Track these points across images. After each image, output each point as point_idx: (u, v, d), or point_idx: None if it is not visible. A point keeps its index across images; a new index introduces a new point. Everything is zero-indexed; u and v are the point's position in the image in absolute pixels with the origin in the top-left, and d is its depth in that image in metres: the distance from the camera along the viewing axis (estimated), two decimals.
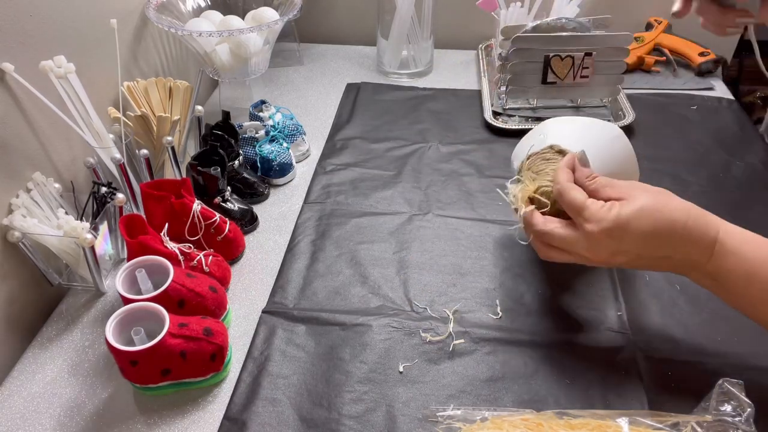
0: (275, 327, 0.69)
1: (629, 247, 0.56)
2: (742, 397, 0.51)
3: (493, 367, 0.64)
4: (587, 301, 0.70)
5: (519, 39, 0.94)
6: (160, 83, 0.88)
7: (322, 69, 1.22)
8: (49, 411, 0.62)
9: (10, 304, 0.70)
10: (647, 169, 0.88)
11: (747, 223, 0.79)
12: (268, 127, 0.92)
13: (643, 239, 0.55)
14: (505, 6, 1.06)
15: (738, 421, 0.50)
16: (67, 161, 0.78)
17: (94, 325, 0.71)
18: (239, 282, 0.76)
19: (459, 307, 0.70)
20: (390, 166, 0.93)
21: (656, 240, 0.55)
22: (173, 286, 0.64)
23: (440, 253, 0.77)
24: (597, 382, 0.62)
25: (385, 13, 1.11)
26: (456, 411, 0.54)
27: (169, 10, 0.95)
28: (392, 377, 0.63)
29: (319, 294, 0.73)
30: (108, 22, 0.80)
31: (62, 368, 0.66)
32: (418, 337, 0.67)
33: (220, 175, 0.79)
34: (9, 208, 0.68)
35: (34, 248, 0.70)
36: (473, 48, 1.25)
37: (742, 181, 0.87)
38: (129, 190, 0.79)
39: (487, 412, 0.54)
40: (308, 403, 0.61)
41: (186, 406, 0.62)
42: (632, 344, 0.65)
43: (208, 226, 0.74)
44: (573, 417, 0.53)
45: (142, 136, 0.84)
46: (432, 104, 1.07)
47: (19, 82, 0.68)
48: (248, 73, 1.00)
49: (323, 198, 0.87)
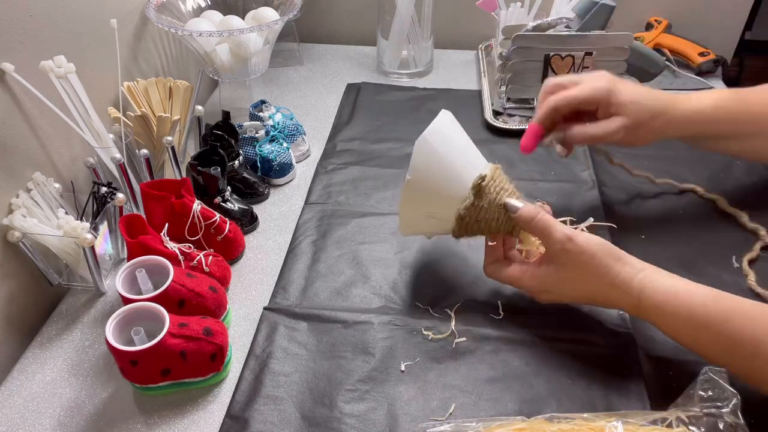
0: (277, 324, 0.69)
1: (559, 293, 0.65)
2: (727, 386, 0.51)
3: (494, 366, 0.64)
4: None
5: (519, 38, 0.94)
6: (160, 83, 0.88)
7: (322, 69, 1.22)
8: (49, 411, 0.62)
9: (10, 304, 0.70)
10: (647, 169, 0.89)
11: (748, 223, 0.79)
12: (268, 127, 0.92)
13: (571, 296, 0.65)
14: (505, 6, 1.06)
15: (724, 412, 0.50)
16: (67, 161, 0.78)
17: (94, 325, 0.71)
18: (239, 282, 0.76)
19: (461, 307, 0.70)
20: (391, 166, 0.93)
21: (585, 295, 0.63)
22: (173, 286, 0.64)
23: (442, 253, 0.77)
24: (599, 382, 0.62)
25: (385, 13, 1.11)
26: (447, 426, 0.54)
27: (169, 10, 0.95)
28: (394, 376, 0.63)
29: (321, 294, 0.72)
30: (108, 22, 0.80)
31: (62, 368, 0.66)
32: (420, 336, 0.67)
33: (220, 175, 0.79)
34: (9, 208, 0.68)
35: (34, 248, 0.69)
36: (473, 48, 1.25)
37: (743, 181, 0.87)
38: (129, 190, 0.79)
39: (477, 423, 0.53)
40: (310, 401, 0.61)
41: (186, 406, 0.62)
42: (634, 343, 0.65)
43: (208, 226, 0.74)
44: (564, 421, 0.53)
45: (142, 136, 0.84)
46: (432, 104, 1.07)
47: (19, 82, 0.67)
48: (248, 73, 1.00)
49: (324, 198, 0.87)
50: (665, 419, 0.51)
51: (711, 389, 0.51)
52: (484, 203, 0.64)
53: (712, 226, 0.80)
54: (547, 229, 0.61)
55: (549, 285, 0.63)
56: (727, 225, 0.79)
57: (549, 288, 0.64)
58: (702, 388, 0.52)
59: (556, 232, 0.61)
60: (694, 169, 0.89)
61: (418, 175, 0.64)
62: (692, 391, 0.52)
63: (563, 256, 0.61)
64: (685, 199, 0.84)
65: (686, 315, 0.56)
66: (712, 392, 0.51)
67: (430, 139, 0.64)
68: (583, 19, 0.96)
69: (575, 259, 0.60)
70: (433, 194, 0.65)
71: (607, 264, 0.59)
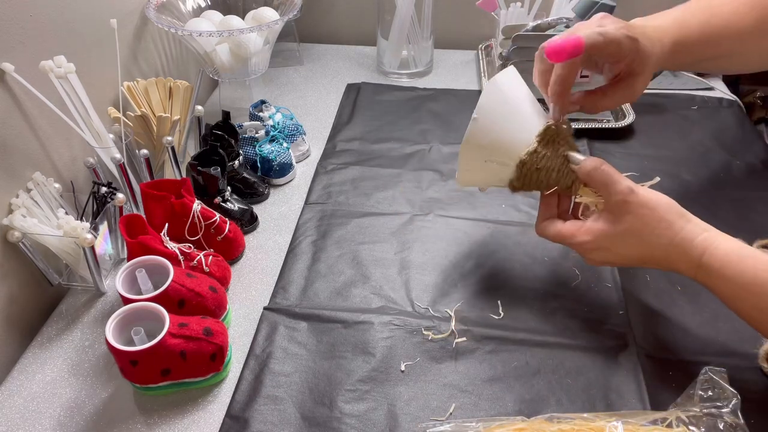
0: (277, 324, 0.69)
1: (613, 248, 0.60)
2: (727, 386, 0.51)
3: (494, 366, 0.64)
4: (589, 300, 0.70)
5: (519, 37, 0.94)
6: (160, 83, 0.88)
7: (322, 69, 1.22)
8: (49, 411, 0.62)
9: (10, 304, 0.70)
10: (648, 169, 0.89)
11: (748, 223, 0.79)
12: (268, 127, 0.92)
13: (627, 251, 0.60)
14: (505, 6, 1.06)
15: (724, 412, 0.50)
16: (67, 161, 0.78)
17: (94, 325, 0.71)
18: (239, 282, 0.76)
19: (461, 307, 0.70)
20: (391, 166, 0.93)
21: (641, 254, 0.59)
22: (173, 286, 0.64)
23: (442, 253, 0.77)
24: (598, 382, 0.62)
25: (385, 13, 1.11)
26: (447, 426, 0.54)
27: (169, 10, 0.95)
28: (394, 376, 0.63)
29: (321, 295, 0.72)
30: (108, 22, 0.79)
31: (62, 368, 0.66)
32: (420, 335, 0.67)
33: (220, 175, 0.79)
34: (9, 208, 0.68)
35: (34, 248, 0.69)
36: (473, 48, 1.25)
37: (743, 181, 0.87)
38: (129, 190, 0.79)
39: (477, 423, 0.53)
40: (310, 401, 0.61)
41: (186, 406, 0.62)
42: (634, 344, 0.65)
43: (208, 226, 0.74)
44: (564, 421, 0.53)
45: (142, 136, 0.84)
46: (432, 104, 1.07)
47: (19, 82, 0.67)
48: (248, 73, 1.00)
49: (324, 198, 0.87)
50: (665, 419, 0.51)
51: (711, 389, 0.51)
52: (547, 151, 0.63)
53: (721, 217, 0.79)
54: (610, 179, 0.58)
55: (605, 241, 0.60)
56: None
57: (605, 244, 0.60)
58: (702, 388, 0.52)
59: (618, 183, 0.58)
60: (695, 169, 0.89)
61: (484, 114, 0.63)
62: (692, 391, 0.52)
63: (624, 208, 0.58)
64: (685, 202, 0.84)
65: (750, 279, 0.54)
66: (712, 392, 0.51)
67: (500, 81, 0.64)
68: (583, 19, 0.96)
69: (636, 211, 0.57)
70: (497, 137, 0.64)
71: (669, 219, 0.57)
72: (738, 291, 0.55)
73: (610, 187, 0.58)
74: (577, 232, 0.62)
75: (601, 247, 0.61)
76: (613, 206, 0.59)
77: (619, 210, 0.58)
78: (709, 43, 0.70)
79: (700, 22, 0.70)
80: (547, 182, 0.64)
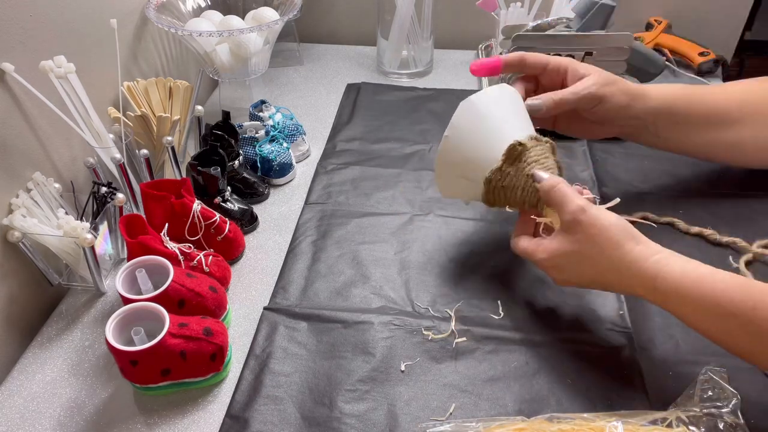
0: (277, 324, 0.69)
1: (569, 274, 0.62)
2: (727, 386, 0.51)
3: (494, 366, 0.64)
4: (589, 300, 0.70)
5: (519, 38, 0.94)
6: (160, 83, 0.88)
7: (322, 69, 1.22)
8: (49, 411, 0.62)
9: (10, 304, 0.70)
10: (648, 169, 0.89)
11: (748, 223, 0.79)
12: (268, 127, 0.92)
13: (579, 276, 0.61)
14: (505, 6, 1.06)
15: (724, 412, 0.50)
16: (67, 161, 0.78)
17: (94, 325, 0.71)
18: (239, 282, 0.76)
19: (461, 307, 0.70)
20: (391, 166, 0.93)
21: (594, 275, 0.60)
22: (173, 286, 0.64)
23: (442, 253, 0.77)
24: (599, 382, 0.62)
25: (385, 13, 1.11)
26: (447, 426, 0.54)
27: (169, 10, 0.95)
28: (394, 376, 0.63)
29: (321, 294, 0.72)
30: (108, 22, 0.79)
31: (62, 368, 0.66)
32: (420, 335, 0.67)
33: (220, 175, 0.79)
34: (9, 208, 0.68)
35: (34, 248, 0.69)
36: (473, 48, 1.25)
37: (743, 181, 0.87)
38: (129, 190, 0.79)
39: (477, 423, 0.53)
40: (310, 401, 0.61)
41: (186, 406, 0.62)
42: (634, 343, 0.65)
43: (208, 226, 0.74)
44: (564, 421, 0.53)
45: (142, 136, 0.84)
46: (432, 104, 1.07)
47: (19, 82, 0.67)
48: (248, 73, 1.00)
49: (324, 198, 0.87)
50: (665, 419, 0.51)
51: (711, 389, 0.51)
52: (511, 170, 0.63)
53: (721, 217, 0.79)
54: (564, 198, 0.59)
55: (560, 259, 0.60)
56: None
57: (560, 263, 0.61)
58: (702, 388, 0.52)
59: (570, 202, 0.58)
60: (695, 169, 0.89)
61: (455, 132, 0.65)
62: (692, 391, 0.52)
63: (574, 228, 0.58)
64: (685, 202, 0.84)
65: (710, 301, 0.52)
66: (712, 392, 0.51)
67: (476, 100, 0.65)
68: (583, 19, 0.96)
69: (585, 231, 0.57)
70: (468, 154, 0.65)
71: (618, 240, 0.56)
72: (699, 314, 0.54)
73: (563, 207, 0.59)
74: (536, 250, 0.63)
75: (557, 266, 0.62)
76: (566, 225, 0.59)
77: (570, 229, 0.59)
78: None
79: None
80: (513, 200, 0.66)
